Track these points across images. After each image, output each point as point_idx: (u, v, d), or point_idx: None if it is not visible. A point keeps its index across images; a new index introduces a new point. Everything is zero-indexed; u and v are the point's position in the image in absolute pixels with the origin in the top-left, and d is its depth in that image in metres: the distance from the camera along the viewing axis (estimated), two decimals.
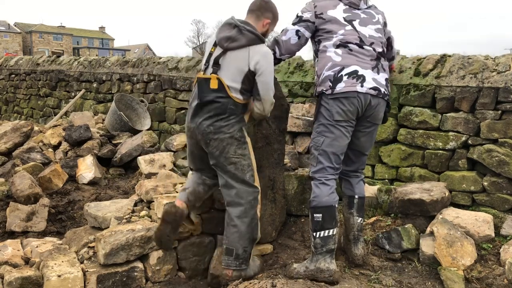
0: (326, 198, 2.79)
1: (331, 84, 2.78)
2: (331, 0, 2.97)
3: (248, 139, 2.82)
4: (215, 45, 2.79)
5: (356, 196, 3.04)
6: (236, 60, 2.70)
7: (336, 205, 2.83)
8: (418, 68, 3.85)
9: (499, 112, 3.36)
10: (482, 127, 3.41)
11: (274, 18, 2.88)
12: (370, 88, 2.78)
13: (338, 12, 2.94)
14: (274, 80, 2.90)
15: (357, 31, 2.90)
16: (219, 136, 2.70)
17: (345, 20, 2.91)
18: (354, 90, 2.75)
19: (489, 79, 3.41)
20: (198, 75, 2.81)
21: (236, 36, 2.71)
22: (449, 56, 3.79)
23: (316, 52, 2.99)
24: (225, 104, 2.69)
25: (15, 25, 54.76)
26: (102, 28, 66.78)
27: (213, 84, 2.69)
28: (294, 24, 2.96)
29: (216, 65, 2.73)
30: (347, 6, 2.96)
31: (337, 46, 2.86)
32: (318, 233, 2.78)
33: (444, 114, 3.61)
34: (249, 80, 2.72)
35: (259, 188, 2.84)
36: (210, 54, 2.80)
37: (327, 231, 2.79)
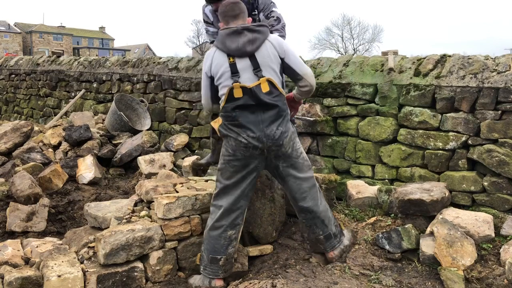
0: None
1: None
2: None
3: None
4: (230, 56, 2.77)
5: None
6: (267, 57, 2.77)
7: None
8: (418, 68, 3.85)
9: (499, 112, 3.35)
10: (482, 127, 3.41)
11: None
12: None
13: None
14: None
15: None
16: (288, 134, 2.84)
17: None
18: None
19: (489, 79, 3.40)
20: (239, 85, 2.72)
21: (252, 36, 2.77)
22: (449, 56, 3.79)
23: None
24: (281, 102, 2.80)
25: (15, 25, 54.70)
26: (102, 28, 66.68)
27: (265, 88, 2.74)
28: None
29: (257, 69, 2.75)
30: None
31: None
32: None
33: (444, 114, 3.61)
34: (282, 69, 2.87)
35: None
36: (234, 65, 2.75)
37: None
